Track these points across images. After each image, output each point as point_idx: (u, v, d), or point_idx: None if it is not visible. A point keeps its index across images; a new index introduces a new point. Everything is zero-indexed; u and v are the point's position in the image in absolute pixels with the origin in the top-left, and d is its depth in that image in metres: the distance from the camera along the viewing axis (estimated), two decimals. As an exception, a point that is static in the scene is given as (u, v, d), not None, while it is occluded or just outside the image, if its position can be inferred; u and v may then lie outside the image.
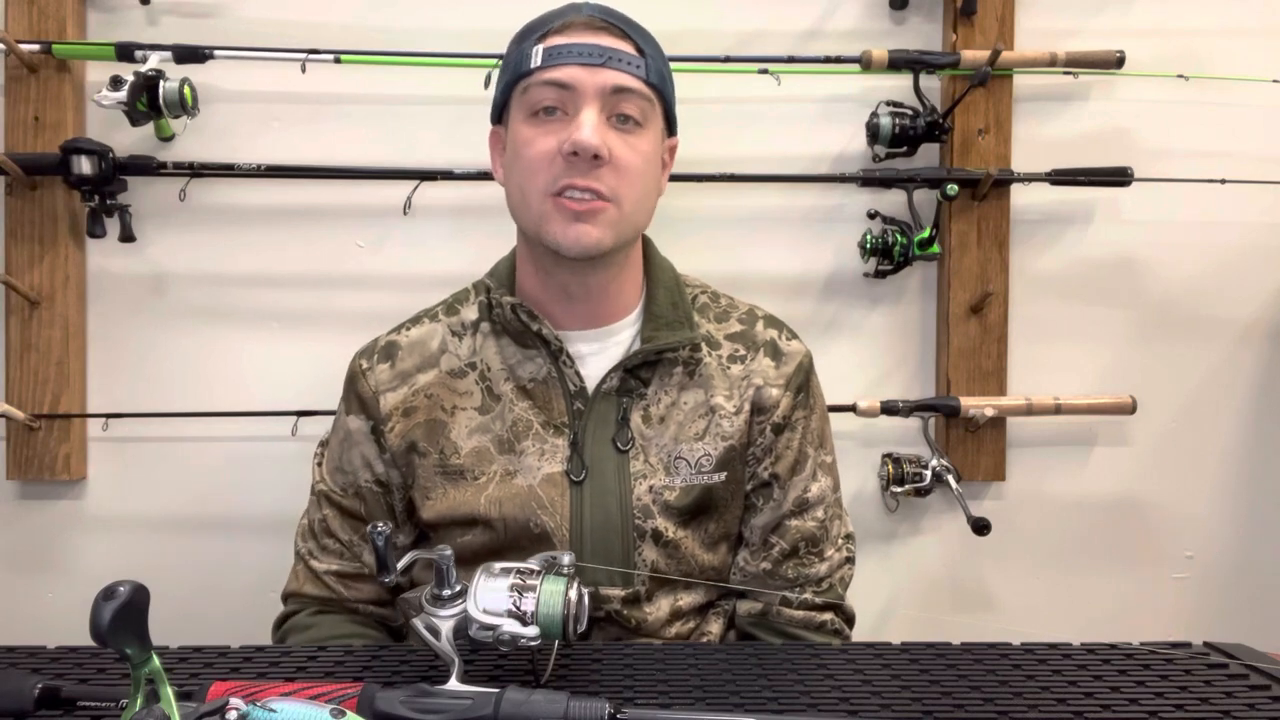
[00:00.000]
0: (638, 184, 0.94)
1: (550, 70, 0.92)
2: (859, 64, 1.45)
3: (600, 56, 0.91)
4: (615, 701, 0.55)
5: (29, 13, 1.45)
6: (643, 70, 0.94)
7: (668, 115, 1.00)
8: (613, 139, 0.92)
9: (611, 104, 0.92)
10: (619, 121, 0.93)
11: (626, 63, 0.92)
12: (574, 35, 0.93)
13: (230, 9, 1.50)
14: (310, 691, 0.55)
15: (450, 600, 0.61)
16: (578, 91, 0.91)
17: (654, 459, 0.98)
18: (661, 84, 0.97)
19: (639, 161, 0.94)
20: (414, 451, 1.01)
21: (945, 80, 1.53)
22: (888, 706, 0.63)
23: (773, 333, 1.07)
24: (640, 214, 0.97)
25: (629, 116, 0.93)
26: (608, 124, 0.92)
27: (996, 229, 1.53)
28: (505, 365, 1.01)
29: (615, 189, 0.92)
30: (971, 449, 1.54)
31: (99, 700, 0.59)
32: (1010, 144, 1.53)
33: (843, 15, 1.54)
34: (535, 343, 1.00)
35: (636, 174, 0.94)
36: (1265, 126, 1.57)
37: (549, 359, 1.00)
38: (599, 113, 0.91)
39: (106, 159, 1.39)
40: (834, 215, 1.55)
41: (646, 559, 0.97)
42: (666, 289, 1.04)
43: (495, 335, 1.02)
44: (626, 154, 0.93)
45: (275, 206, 1.51)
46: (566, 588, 0.60)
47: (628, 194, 0.93)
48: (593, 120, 0.90)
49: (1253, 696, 0.65)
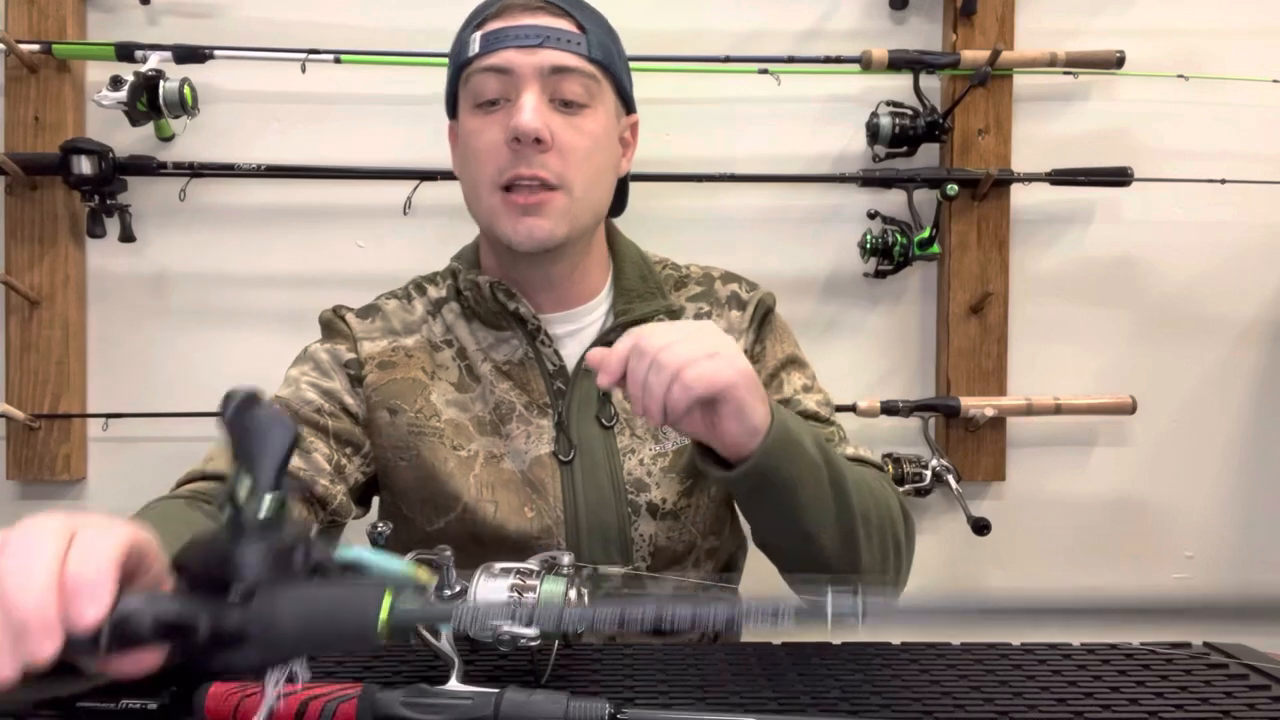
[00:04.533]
0: (586, 167, 0.91)
1: (488, 56, 0.89)
2: (859, 64, 1.45)
3: (536, 37, 0.88)
4: (615, 701, 0.55)
5: (29, 13, 1.45)
6: (583, 47, 0.90)
7: (620, 92, 0.96)
8: (556, 122, 0.89)
9: (552, 86, 0.89)
10: (562, 105, 0.90)
11: (566, 41, 0.89)
12: (510, 18, 0.90)
13: (230, 9, 1.50)
14: (310, 691, 0.55)
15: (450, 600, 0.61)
16: (516, 75, 0.88)
17: (641, 431, 0.97)
18: (607, 59, 0.93)
19: (586, 143, 0.90)
20: (384, 409, 0.95)
21: (945, 80, 1.53)
22: (888, 706, 0.63)
23: (732, 286, 1.06)
24: (594, 198, 0.94)
25: (572, 100, 0.90)
26: (550, 107, 0.89)
27: (996, 229, 1.53)
28: (480, 348, 0.98)
29: (562, 174, 0.89)
30: (971, 449, 1.54)
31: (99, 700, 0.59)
32: (1010, 144, 1.53)
33: (843, 15, 1.54)
34: (510, 324, 0.98)
35: (583, 156, 0.90)
36: (1265, 126, 1.57)
37: (525, 339, 0.98)
38: (539, 95, 0.88)
39: (106, 159, 1.39)
40: (834, 215, 1.55)
41: (644, 534, 0.94)
42: (633, 263, 1.03)
43: (465, 318, 1.00)
44: (571, 136, 0.89)
45: (275, 206, 1.51)
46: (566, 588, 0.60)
47: (576, 178, 0.90)
48: (532, 103, 0.87)
49: (1253, 696, 0.65)
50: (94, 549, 0.48)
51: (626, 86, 0.98)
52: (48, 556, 0.48)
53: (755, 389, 0.74)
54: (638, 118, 1.03)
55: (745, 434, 0.74)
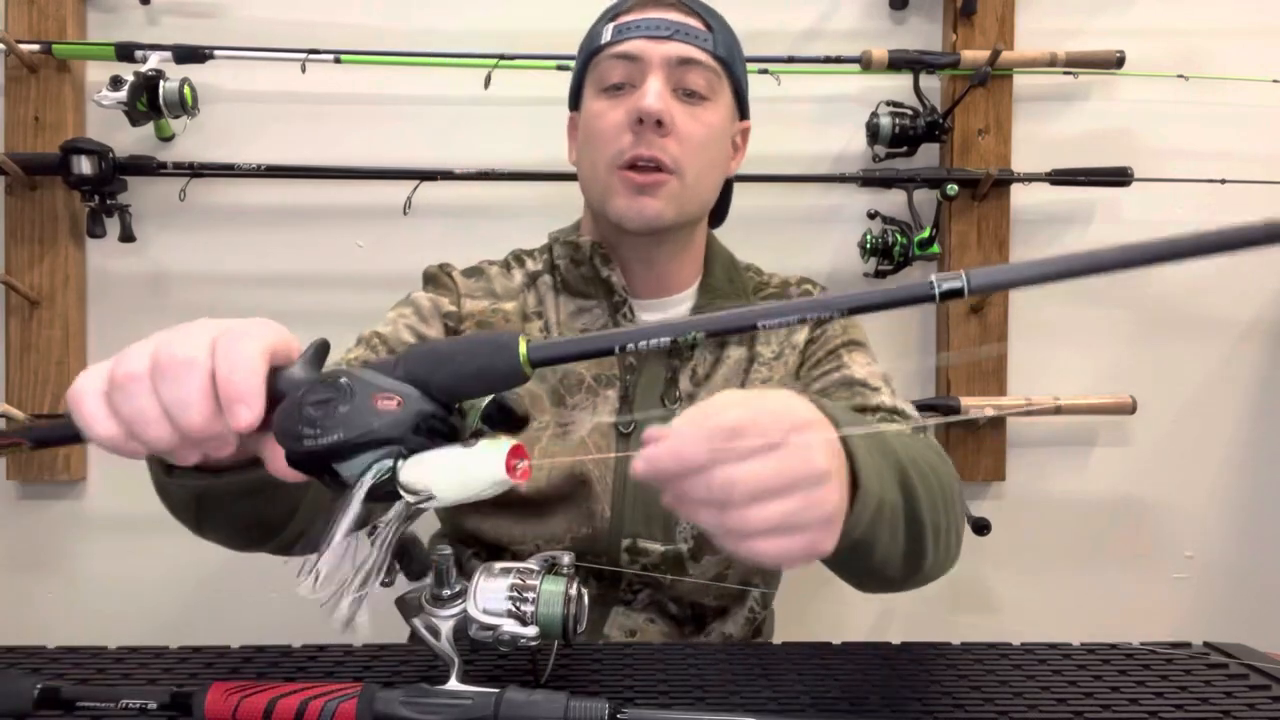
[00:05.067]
0: (701, 155, 0.94)
1: (619, 44, 0.94)
2: (859, 64, 1.45)
3: (667, 29, 0.93)
4: (615, 701, 0.55)
5: (29, 13, 1.45)
6: (710, 44, 0.94)
7: (738, 94, 1.00)
8: (677, 109, 0.92)
9: (677, 76, 0.93)
10: (685, 95, 0.94)
11: (694, 36, 0.94)
12: (643, 11, 0.95)
13: (230, 9, 1.50)
14: (310, 691, 0.55)
15: (450, 600, 0.61)
16: (644, 62, 0.92)
17: None
18: (730, 59, 0.97)
19: (703, 132, 0.94)
20: None
21: (945, 80, 1.53)
22: (888, 706, 0.63)
23: (806, 287, 1.08)
24: (704, 188, 0.97)
25: (694, 90, 0.94)
26: (673, 95, 0.93)
27: (996, 229, 1.53)
28: (562, 318, 1.01)
29: (678, 159, 0.92)
30: (971, 449, 1.54)
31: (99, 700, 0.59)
32: (1010, 144, 1.53)
33: (843, 15, 1.55)
34: (598, 292, 1.00)
35: (699, 145, 0.94)
36: (1265, 126, 1.57)
37: (609, 311, 0.99)
38: (664, 83, 0.92)
39: (106, 159, 1.39)
40: (834, 215, 1.55)
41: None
42: (724, 265, 1.06)
43: (555, 291, 1.02)
44: (690, 124, 0.93)
45: (275, 206, 1.51)
46: (566, 588, 0.60)
47: (690, 165, 0.93)
48: (657, 88, 0.91)
49: (1253, 696, 0.65)
50: (242, 355, 0.52)
51: (744, 90, 1.02)
52: (200, 370, 0.52)
53: (839, 476, 0.56)
54: (750, 124, 1.05)
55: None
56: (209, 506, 0.67)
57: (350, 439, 0.49)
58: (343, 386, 0.50)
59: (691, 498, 0.52)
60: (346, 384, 0.50)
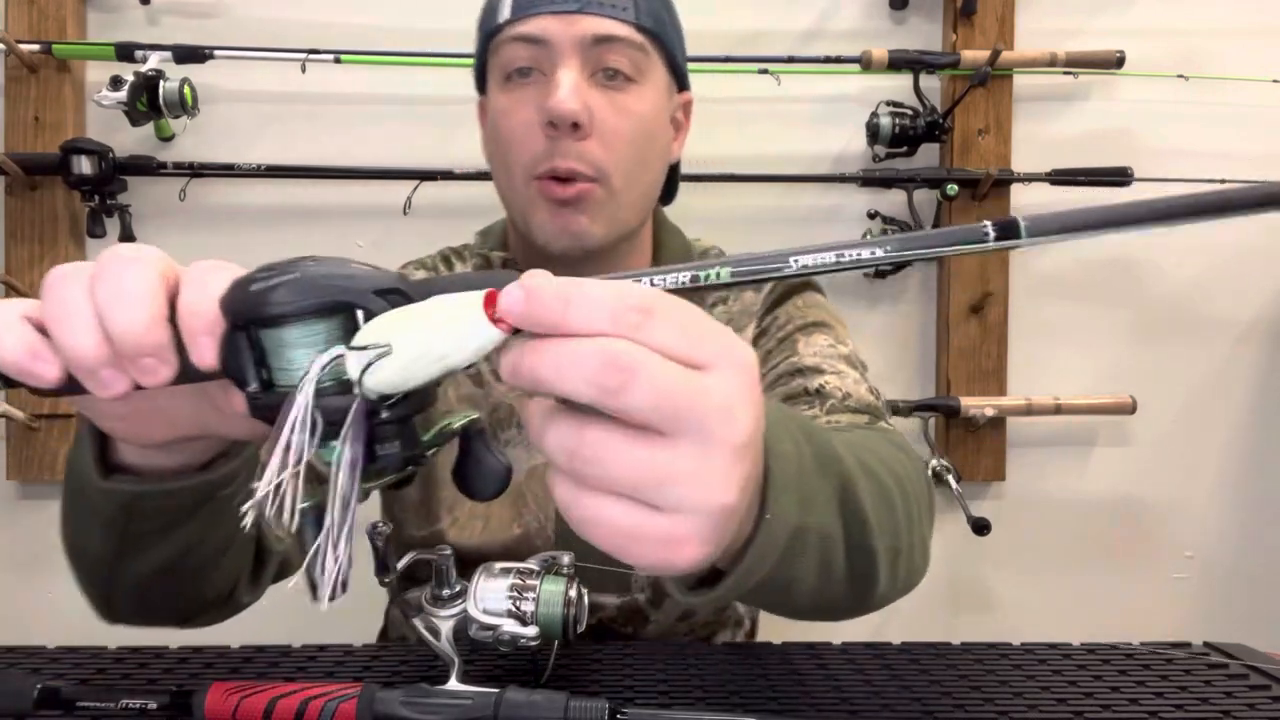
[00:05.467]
0: (630, 153, 0.78)
1: (519, 23, 0.77)
2: (859, 64, 1.45)
3: (576, 1, 0.76)
4: (615, 701, 0.55)
5: (29, 13, 1.45)
6: (630, 12, 0.77)
7: (672, 65, 0.84)
8: (597, 101, 0.76)
9: (595, 58, 0.77)
10: (606, 78, 0.77)
11: (608, 6, 0.76)
12: None
13: (230, 9, 1.50)
14: (310, 691, 0.55)
15: (450, 600, 0.61)
16: (552, 46, 0.76)
17: None
18: (658, 27, 0.80)
19: (630, 126, 0.78)
20: None
21: (945, 80, 1.53)
22: (888, 706, 0.63)
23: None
24: (638, 191, 0.81)
25: (617, 71, 0.77)
26: (592, 82, 0.77)
27: (996, 229, 1.53)
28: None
29: (601, 164, 0.77)
30: (971, 449, 1.54)
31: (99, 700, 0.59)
32: (1010, 144, 1.53)
33: (843, 15, 1.55)
34: None
35: (628, 141, 0.78)
36: (1265, 126, 1.57)
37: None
38: (579, 70, 0.76)
39: (106, 159, 1.39)
40: (834, 215, 1.55)
41: None
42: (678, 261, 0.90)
43: None
44: (614, 118, 0.77)
45: (275, 206, 1.51)
46: (566, 588, 0.60)
47: (618, 168, 0.77)
48: (570, 81, 0.75)
49: (1253, 696, 0.65)
50: (208, 285, 0.42)
51: (679, 59, 0.86)
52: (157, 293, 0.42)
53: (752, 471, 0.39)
54: (691, 95, 0.90)
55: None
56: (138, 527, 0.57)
57: (312, 276, 0.38)
58: (308, 256, 0.40)
59: (544, 377, 0.34)
60: (314, 256, 0.40)
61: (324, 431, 0.36)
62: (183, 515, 0.57)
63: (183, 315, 0.42)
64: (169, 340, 0.42)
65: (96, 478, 0.55)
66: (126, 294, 0.41)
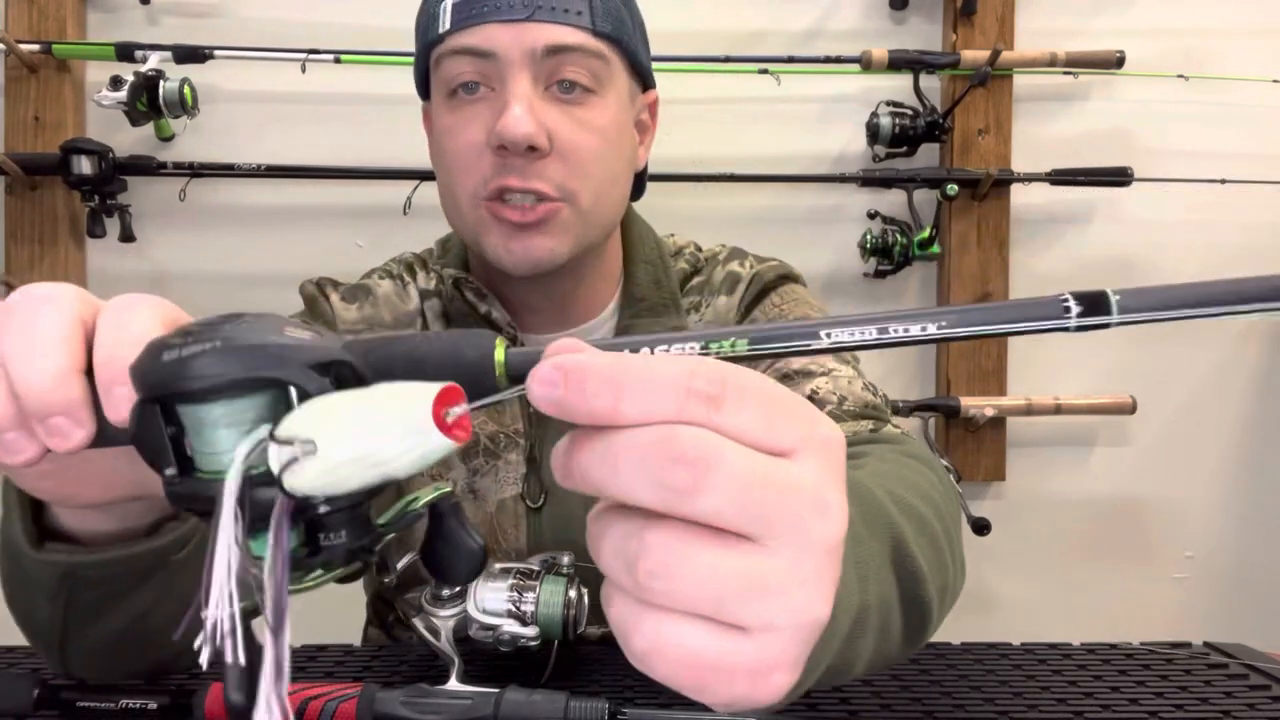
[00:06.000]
0: (595, 170, 0.71)
1: (462, 34, 0.69)
2: (859, 64, 1.45)
3: (524, 8, 0.67)
4: (615, 701, 0.55)
5: (29, 13, 1.45)
6: (585, 17, 0.69)
7: (635, 68, 0.76)
8: (554, 118, 0.69)
9: (549, 70, 0.69)
10: (562, 90, 0.70)
11: (560, 11, 0.68)
12: None
13: (230, 9, 1.50)
14: (310, 691, 0.55)
15: (450, 600, 0.61)
16: (500, 59, 0.68)
17: None
18: (618, 31, 0.71)
19: (593, 142, 0.71)
20: None
21: (945, 80, 1.53)
22: (888, 707, 0.63)
23: (732, 265, 0.84)
24: (607, 205, 0.74)
25: (574, 83, 0.69)
26: (547, 96, 0.69)
27: (996, 229, 1.53)
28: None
29: (565, 183, 0.69)
30: (971, 449, 1.54)
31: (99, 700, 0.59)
32: (1010, 144, 1.53)
33: (843, 15, 1.55)
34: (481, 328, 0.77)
35: (592, 159, 0.71)
36: (1265, 126, 1.57)
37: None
38: (532, 85, 0.68)
39: (106, 159, 1.39)
40: (834, 215, 1.55)
41: None
42: (648, 265, 0.83)
43: (443, 320, 0.81)
44: (574, 136, 0.69)
45: (275, 206, 1.51)
46: (566, 588, 0.60)
47: (583, 186, 0.70)
48: (523, 99, 0.67)
49: (1253, 696, 0.65)
50: (128, 326, 0.37)
51: (643, 59, 0.77)
52: (72, 340, 0.37)
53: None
54: (657, 94, 0.81)
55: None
56: (84, 597, 0.51)
57: (237, 346, 0.31)
58: (235, 315, 0.33)
59: (598, 480, 0.28)
60: (241, 314, 0.33)
61: (254, 524, 0.30)
62: (133, 581, 0.51)
63: (97, 363, 0.36)
64: (83, 396, 0.35)
65: (28, 548, 0.49)
66: (34, 342, 0.36)
